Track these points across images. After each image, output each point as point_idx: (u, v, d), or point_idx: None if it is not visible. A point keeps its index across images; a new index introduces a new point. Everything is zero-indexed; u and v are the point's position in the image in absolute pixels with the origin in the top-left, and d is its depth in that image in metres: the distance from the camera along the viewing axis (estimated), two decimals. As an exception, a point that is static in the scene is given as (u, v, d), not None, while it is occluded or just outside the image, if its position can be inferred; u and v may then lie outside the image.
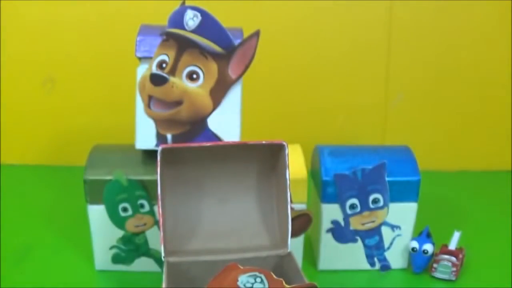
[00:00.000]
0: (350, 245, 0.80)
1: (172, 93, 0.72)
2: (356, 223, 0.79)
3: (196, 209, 0.69)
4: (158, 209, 0.64)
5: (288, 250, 0.67)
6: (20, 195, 1.06)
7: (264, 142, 0.65)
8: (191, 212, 0.69)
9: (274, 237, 0.69)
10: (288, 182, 0.65)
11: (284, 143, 0.65)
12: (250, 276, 0.58)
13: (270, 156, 0.67)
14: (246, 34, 0.73)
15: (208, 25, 0.71)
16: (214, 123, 0.74)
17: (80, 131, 1.17)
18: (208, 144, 0.64)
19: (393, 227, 0.80)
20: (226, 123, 0.74)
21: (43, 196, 1.05)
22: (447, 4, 1.12)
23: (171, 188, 0.67)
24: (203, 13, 0.71)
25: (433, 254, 0.79)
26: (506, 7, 1.11)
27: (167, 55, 0.73)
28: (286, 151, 0.65)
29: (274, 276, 0.59)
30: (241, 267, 0.61)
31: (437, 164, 1.17)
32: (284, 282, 0.59)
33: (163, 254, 0.65)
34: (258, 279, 0.58)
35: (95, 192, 0.75)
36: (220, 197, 0.69)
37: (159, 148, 0.63)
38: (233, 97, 0.74)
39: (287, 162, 0.65)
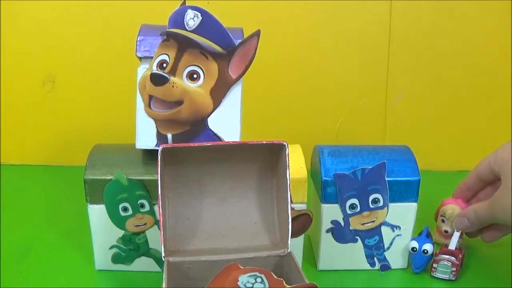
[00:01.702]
0: (350, 245, 0.80)
1: (172, 93, 0.72)
2: (356, 223, 0.79)
3: (196, 209, 0.69)
4: (158, 209, 0.64)
5: (288, 250, 0.67)
6: (20, 195, 1.06)
7: (264, 142, 0.65)
8: (191, 212, 0.69)
9: (274, 237, 0.69)
10: (288, 182, 0.65)
11: (285, 143, 0.65)
12: (250, 276, 0.58)
13: (270, 156, 0.67)
14: (246, 34, 0.73)
15: (209, 25, 0.71)
16: (214, 123, 0.74)
17: (80, 131, 1.17)
18: (208, 144, 0.64)
19: (393, 227, 0.80)
20: (226, 123, 0.74)
21: (43, 196, 1.05)
22: (447, 4, 1.12)
23: (171, 188, 0.67)
24: (204, 13, 0.71)
25: (433, 254, 0.79)
26: (506, 7, 1.11)
27: (167, 55, 0.73)
28: (287, 151, 0.65)
29: (275, 276, 0.59)
30: (242, 267, 0.61)
31: (437, 164, 1.17)
32: (284, 282, 0.59)
33: (163, 254, 0.65)
34: (259, 279, 0.58)
35: (95, 192, 0.75)
36: (220, 197, 0.69)
37: (159, 148, 0.63)
38: (233, 97, 0.74)
39: (288, 162, 0.65)
